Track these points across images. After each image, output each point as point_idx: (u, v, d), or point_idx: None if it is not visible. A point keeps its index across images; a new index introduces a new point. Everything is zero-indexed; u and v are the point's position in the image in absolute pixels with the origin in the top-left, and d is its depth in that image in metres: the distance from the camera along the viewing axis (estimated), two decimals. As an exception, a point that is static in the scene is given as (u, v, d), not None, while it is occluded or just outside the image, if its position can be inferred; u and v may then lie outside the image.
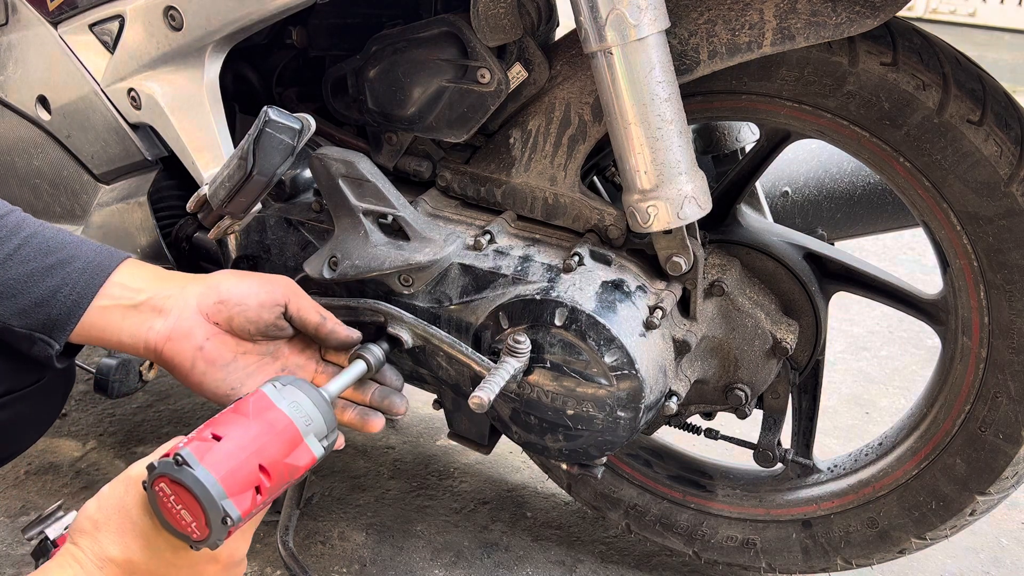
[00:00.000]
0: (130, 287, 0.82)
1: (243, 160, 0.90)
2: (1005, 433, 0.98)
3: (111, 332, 0.82)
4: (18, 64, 1.21)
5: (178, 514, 0.68)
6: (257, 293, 0.86)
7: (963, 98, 0.88)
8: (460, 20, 0.95)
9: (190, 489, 0.66)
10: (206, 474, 0.67)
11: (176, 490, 0.67)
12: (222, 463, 0.68)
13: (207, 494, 0.66)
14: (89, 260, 0.82)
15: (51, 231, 0.83)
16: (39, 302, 0.79)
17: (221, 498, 0.67)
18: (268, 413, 0.73)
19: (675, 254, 0.93)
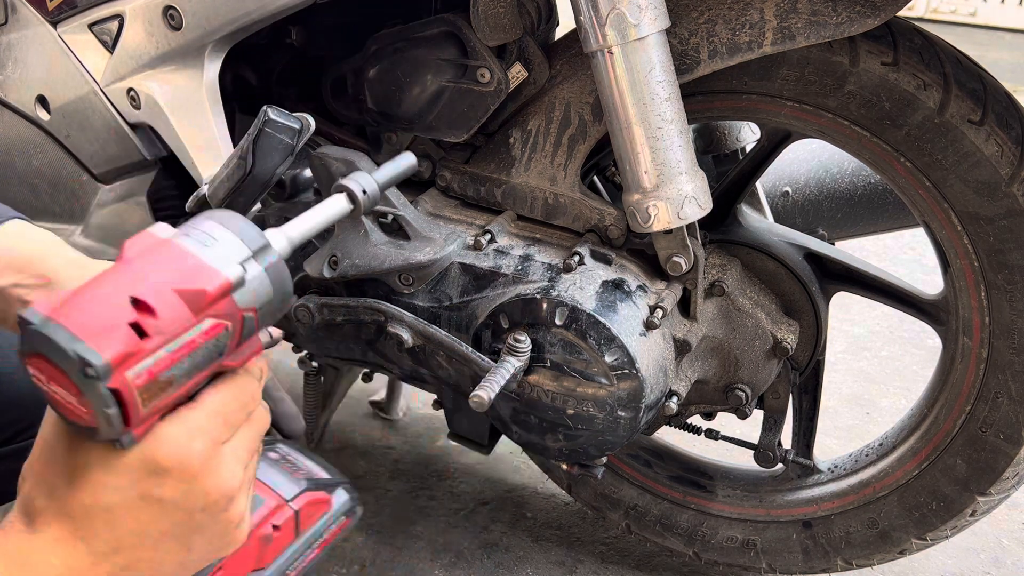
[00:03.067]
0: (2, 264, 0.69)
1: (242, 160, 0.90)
2: (1006, 433, 0.98)
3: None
4: (17, 64, 1.21)
5: (60, 399, 0.49)
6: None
7: (964, 98, 0.87)
8: (460, 20, 0.95)
9: (37, 349, 0.48)
10: (50, 323, 0.48)
11: (38, 365, 0.49)
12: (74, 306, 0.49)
13: (51, 344, 0.47)
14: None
15: None
16: None
17: (71, 343, 0.47)
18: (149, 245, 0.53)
19: (675, 254, 0.93)
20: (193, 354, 0.51)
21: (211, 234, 0.53)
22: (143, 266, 0.51)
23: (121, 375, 0.48)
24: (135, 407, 0.49)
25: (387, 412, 1.72)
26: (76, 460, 0.52)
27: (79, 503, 0.52)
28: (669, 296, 0.95)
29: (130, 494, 0.52)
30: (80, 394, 0.47)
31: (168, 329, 0.49)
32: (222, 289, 0.51)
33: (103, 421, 0.48)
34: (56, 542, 0.52)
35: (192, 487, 0.53)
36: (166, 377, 0.50)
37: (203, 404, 0.54)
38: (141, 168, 1.17)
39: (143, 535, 0.53)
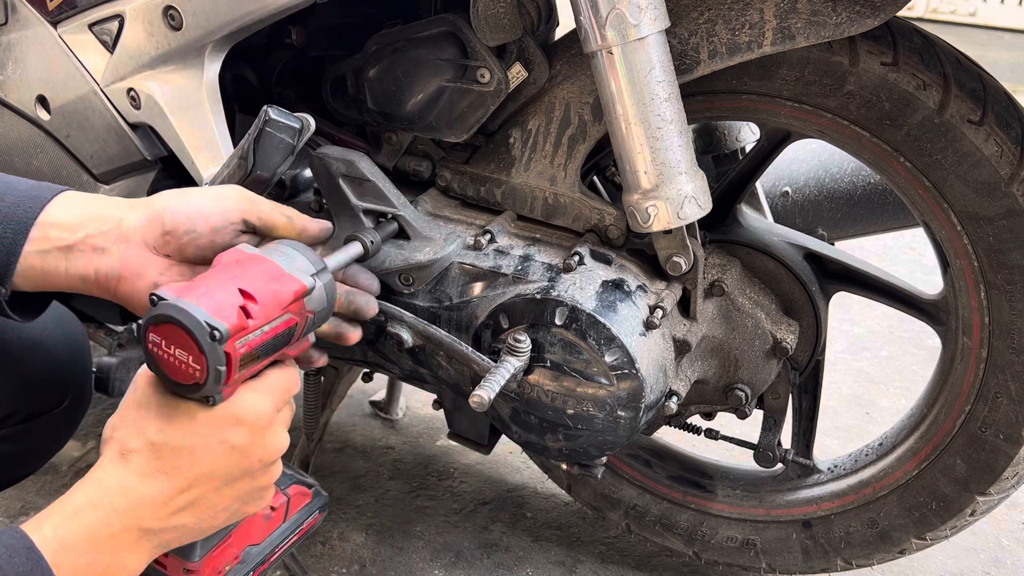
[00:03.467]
0: (64, 224, 0.75)
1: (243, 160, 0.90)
2: (1005, 433, 0.98)
3: (57, 277, 0.76)
4: (17, 64, 1.21)
5: (176, 360, 0.64)
6: (207, 217, 0.77)
7: (964, 98, 0.87)
8: (460, 20, 0.95)
9: (171, 318, 0.63)
10: (182, 300, 0.63)
11: (163, 332, 0.63)
12: (197, 290, 0.65)
13: (187, 314, 0.62)
14: (22, 194, 0.76)
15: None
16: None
17: (202, 315, 0.63)
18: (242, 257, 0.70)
19: (675, 254, 0.93)
20: (274, 339, 0.68)
21: (287, 254, 0.72)
22: (243, 269, 0.68)
23: (233, 343, 0.64)
24: (234, 370, 0.65)
25: (387, 412, 1.72)
26: (169, 412, 0.65)
27: (169, 444, 0.65)
28: (669, 296, 0.95)
29: (211, 440, 0.66)
30: (200, 354, 0.62)
31: (263, 316, 0.66)
32: (300, 292, 0.69)
33: (212, 377, 0.63)
34: (145, 475, 0.64)
35: (258, 438, 0.68)
36: (255, 352, 0.66)
37: (270, 378, 0.70)
38: (141, 168, 1.17)
39: (213, 475, 0.66)
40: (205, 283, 0.66)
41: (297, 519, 0.80)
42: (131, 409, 0.67)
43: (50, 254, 0.75)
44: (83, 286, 0.76)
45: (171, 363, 0.64)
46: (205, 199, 0.78)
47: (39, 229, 0.75)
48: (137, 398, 0.67)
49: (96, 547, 0.62)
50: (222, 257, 0.70)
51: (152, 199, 0.79)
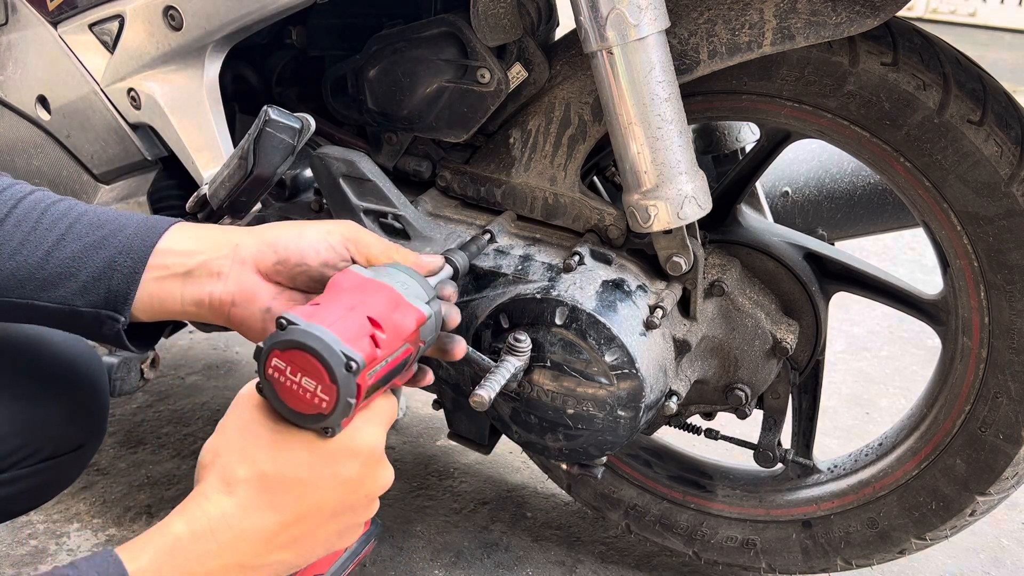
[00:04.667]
0: (182, 251, 0.77)
1: (243, 160, 0.90)
2: (1005, 433, 0.98)
3: (173, 302, 0.77)
4: (18, 64, 1.21)
5: (299, 388, 0.60)
6: (317, 250, 0.78)
7: (963, 98, 0.88)
8: (460, 20, 0.95)
9: (303, 344, 0.59)
10: (314, 325, 0.60)
11: (290, 357, 0.60)
12: (327, 316, 0.62)
13: (322, 342, 0.59)
14: (139, 225, 0.78)
15: (101, 210, 0.80)
16: (97, 276, 0.76)
17: (338, 344, 0.59)
18: (361, 282, 0.68)
19: (675, 254, 0.93)
20: (393, 369, 0.66)
21: (403, 281, 0.70)
22: (367, 295, 0.66)
23: (364, 374, 0.61)
24: (360, 404, 0.62)
25: (387, 412, 1.72)
26: (281, 441, 0.62)
27: (280, 476, 0.62)
28: (669, 296, 0.95)
29: (325, 472, 0.63)
30: (332, 384, 0.59)
31: (389, 346, 0.64)
32: (420, 322, 0.68)
33: (341, 409, 0.60)
34: (253, 508, 0.61)
35: (369, 472, 0.66)
36: (378, 383, 0.64)
37: (378, 408, 0.67)
38: (141, 168, 1.17)
39: (320, 510, 0.63)
40: (332, 309, 0.63)
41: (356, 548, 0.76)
42: (236, 433, 0.63)
43: (167, 280, 0.76)
44: (196, 311, 0.77)
45: (293, 391, 0.61)
46: (316, 233, 0.79)
47: (157, 257, 0.76)
48: (243, 423, 0.64)
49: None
50: (340, 281, 0.68)
51: (265, 228, 0.81)
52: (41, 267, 0.76)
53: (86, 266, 0.76)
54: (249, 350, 1.97)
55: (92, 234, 0.77)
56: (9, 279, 0.75)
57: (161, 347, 1.86)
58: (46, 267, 0.76)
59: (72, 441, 0.95)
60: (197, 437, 1.65)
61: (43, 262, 0.76)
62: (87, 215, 0.78)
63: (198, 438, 1.64)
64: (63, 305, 0.76)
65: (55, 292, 0.76)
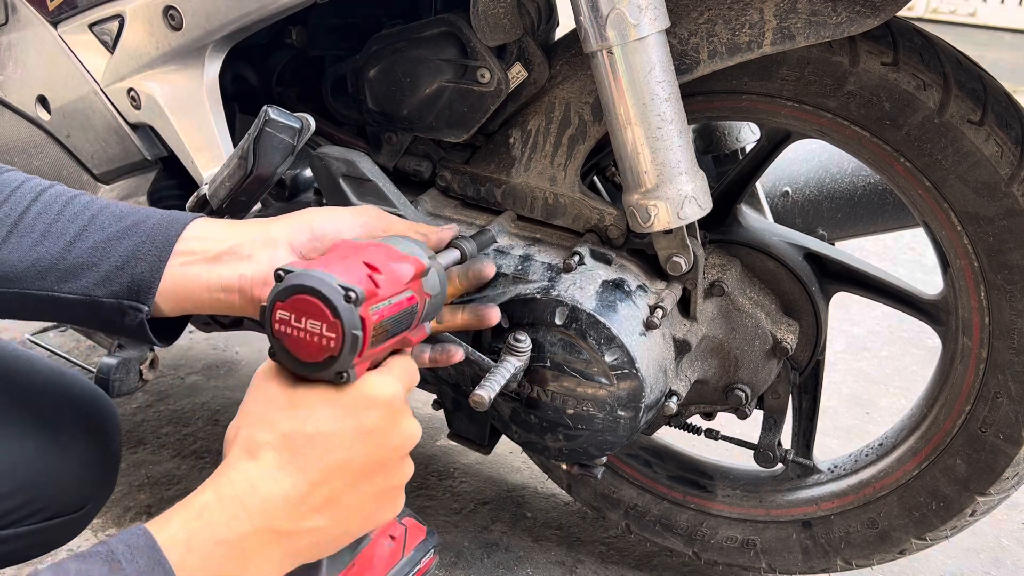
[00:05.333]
0: (209, 238, 0.77)
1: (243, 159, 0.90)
2: (1005, 434, 0.98)
3: (198, 289, 0.76)
4: (18, 64, 1.21)
5: (306, 335, 0.60)
6: (352, 227, 0.79)
7: (964, 98, 0.87)
8: (460, 20, 0.95)
9: (301, 286, 0.59)
10: (311, 269, 0.60)
11: (292, 304, 0.60)
12: (323, 262, 0.63)
13: (318, 279, 0.59)
14: (164, 216, 0.77)
15: (123, 203, 0.79)
16: (120, 265, 0.74)
17: (334, 279, 0.59)
18: (357, 243, 0.69)
19: (675, 254, 0.93)
20: (400, 314, 0.66)
21: (400, 242, 0.72)
22: (362, 249, 0.66)
23: (367, 308, 0.61)
24: (368, 337, 0.61)
25: (387, 412, 1.72)
26: (297, 398, 0.61)
27: (301, 433, 0.59)
28: (669, 296, 0.95)
29: (346, 424, 0.61)
30: (335, 320, 0.59)
31: (389, 287, 0.64)
32: (420, 270, 0.69)
33: (349, 344, 0.59)
34: (278, 469, 0.59)
35: (393, 422, 0.63)
36: (385, 324, 0.63)
37: (395, 365, 0.66)
38: (141, 168, 1.17)
39: (348, 465, 0.61)
40: (327, 259, 0.64)
41: (414, 557, 0.74)
42: (254, 405, 0.62)
43: (194, 265, 0.75)
44: (224, 297, 0.76)
45: (301, 339, 0.60)
46: (349, 213, 0.81)
47: (183, 243, 0.76)
48: (260, 393, 0.63)
49: (224, 549, 0.57)
50: (337, 244, 0.68)
51: (295, 213, 0.81)
52: (63, 258, 0.74)
53: (109, 256, 0.75)
54: (249, 350, 1.97)
55: (115, 225, 0.76)
56: (29, 270, 0.74)
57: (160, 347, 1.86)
58: (67, 258, 0.74)
59: (79, 501, 0.91)
60: (197, 437, 1.65)
61: (65, 252, 0.74)
62: (110, 207, 0.77)
63: (198, 438, 1.64)
64: (84, 296, 0.75)
65: (76, 283, 0.75)
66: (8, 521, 0.84)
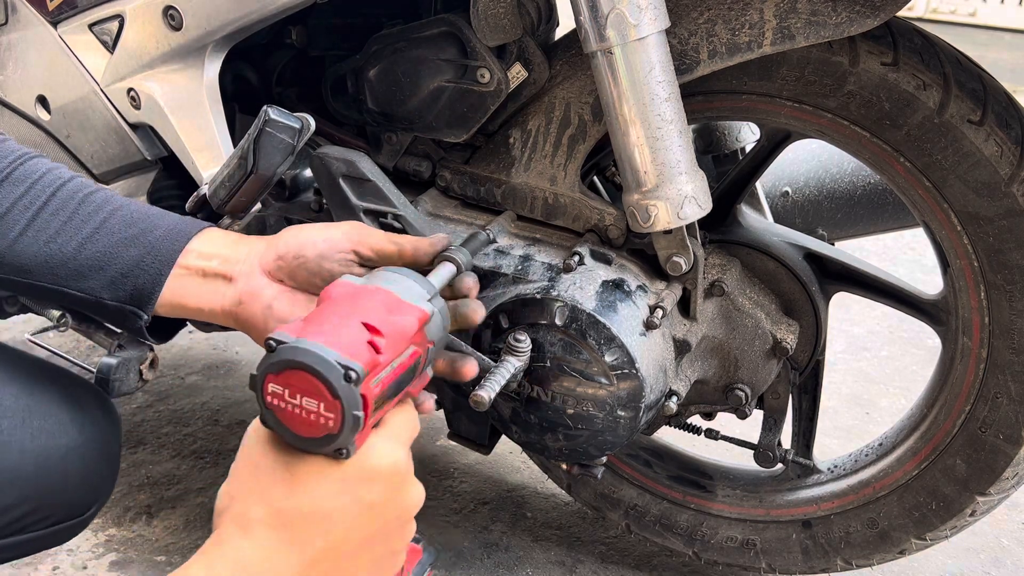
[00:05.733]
0: (204, 254, 0.80)
1: (243, 159, 0.90)
2: (1005, 434, 0.98)
3: (190, 301, 0.80)
4: (18, 64, 1.21)
5: (302, 411, 0.56)
6: (315, 243, 0.78)
7: (964, 98, 0.87)
8: (460, 20, 0.95)
9: (295, 362, 0.55)
10: (304, 340, 0.56)
11: (286, 379, 0.55)
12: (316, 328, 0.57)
13: (314, 356, 0.54)
14: (170, 228, 0.81)
15: (136, 205, 0.82)
16: (125, 272, 0.79)
17: (331, 355, 0.55)
18: (353, 290, 0.64)
19: (675, 254, 0.93)
20: (401, 376, 0.61)
21: (397, 281, 0.65)
22: (358, 301, 0.61)
23: (367, 383, 0.56)
24: (369, 414, 0.56)
25: (387, 412, 1.72)
26: (294, 473, 0.57)
27: (298, 511, 0.56)
28: (669, 296, 0.95)
29: (346, 500, 0.57)
30: (334, 400, 0.54)
31: (391, 350, 0.59)
32: (422, 321, 0.63)
33: (349, 425, 0.55)
34: (273, 550, 0.56)
35: (395, 494, 0.61)
36: (387, 392, 0.59)
37: (395, 423, 0.63)
38: (141, 168, 1.17)
39: (348, 542, 0.58)
40: (322, 320, 0.59)
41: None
42: (246, 472, 0.59)
43: (186, 279, 0.80)
44: (210, 311, 0.80)
45: (296, 415, 0.56)
46: (315, 229, 0.81)
47: (185, 256, 0.80)
48: (252, 460, 0.59)
49: None
50: (330, 291, 0.64)
51: (279, 233, 0.83)
52: (74, 257, 0.79)
53: (115, 262, 0.79)
54: (249, 350, 1.97)
55: (124, 231, 0.80)
56: (43, 265, 0.79)
57: (161, 347, 1.86)
58: (78, 258, 0.79)
59: (82, 508, 0.91)
60: (197, 437, 1.65)
61: (76, 253, 0.79)
62: (122, 210, 0.81)
63: (198, 438, 1.64)
64: (90, 296, 0.80)
65: (84, 283, 0.79)
66: (11, 530, 0.84)
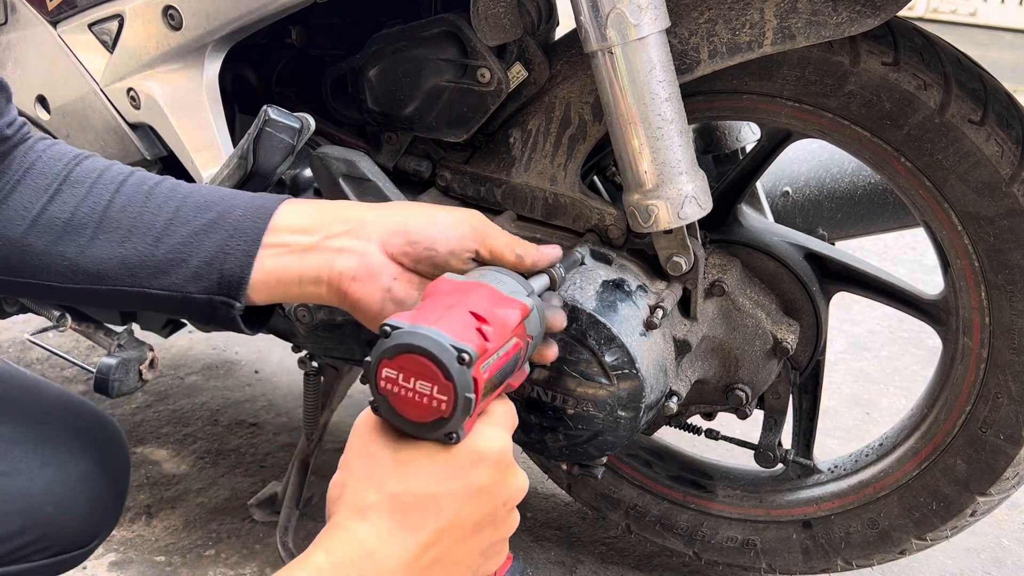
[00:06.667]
0: (300, 228, 0.75)
1: (243, 159, 0.90)
2: (1006, 434, 0.98)
3: (290, 281, 0.75)
4: (17, 64, 1.21)
5: (415, 395, 0.58)
6: (448, 239, 0.77)
7: (964, 98, 0.87)
8: (460, 20, 0.95)
9: (412, 346, 0.57)
10: (420, 325, 0.58)
11: (400, 363, 0.58)
12: (429, 315, 0.60)
13: (430, 339, 0.57)
14: (248, 205, 0.76)
15: (205, 189, 0.78)
16: (209, 260, 0.74)
17: (446, 339, 0.57)
18: (457, 284, 0.66)
19: (675, 254, 0.93)
20: (505, 365, 0.63)
21: (498, 279, 0.69)
22: (464, 294, 0.64)
23: (478, 367, 0.58)
24: (479, 398, 0.59)
25: (387, 412, 1.72)
26: (405, 459, 0.60)
27: (411, 495, 0.59)
28: (669, 296, 0.95)
29: (456, 484, 0.59)
30: (447, 382, 0.57)
31: (497, 338, 0.62)
32: (525, 313, 0.66)
33: (461, 407, 0.57)
34: (390, 533, 0.58)
35: (502, 477, 0.62)
36: (494, 379, 0.61)
37: (498, 412, 0.65)
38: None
39: (459, 526, 0.60)
40: (432, 309, 0.61)
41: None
42: (358, 460, 0.61)
43: (284, 257, 0.75)
44: (314, 289, 0.75)
45: (410, 399, 0.58)
46: (447, 221, 0.78)
47: (271, 235, 0.75)
48: (364, 448, 0.61)
49: None
50: (437, 286, 0.66)
51: (392, 206, 0.79)
52: (151, 254, 0.74)
53: (197, 251, 0.74)
54: (248, 350, 1.97)
55: (200, 217, 0.75)
56: (119, 268, 0.74)
57: (160, 347, 1.86)
58: (156, 254, 0.74)
59: (87, 539, 0.90)
60: (197, 437, 1.65)
61: (152, 249, 0.74)
62: (192, 196, 0.76)
63: (198, 438, 1.64)
64: (175, 292, 0.75)
65: (167, 279, 0.74)
66: (14, 558, 0.83)
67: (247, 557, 1.34)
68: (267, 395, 1.80)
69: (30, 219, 0.74)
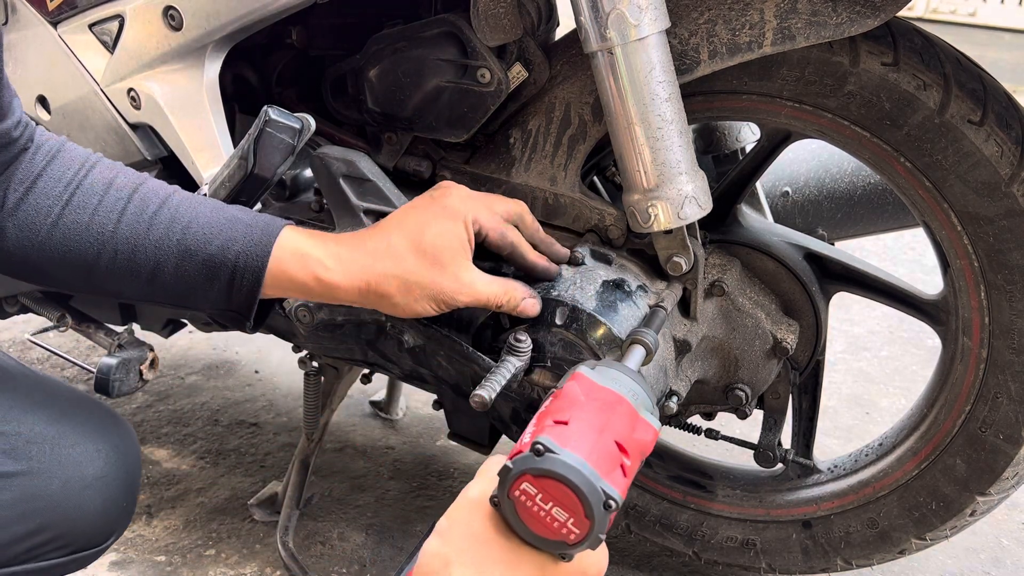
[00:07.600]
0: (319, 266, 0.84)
1: (243, 160, 0.90)
2: (1005, 434, 0.98)
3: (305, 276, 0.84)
4: (17, 64, 1.21)
5: (547, 517, 0.60)
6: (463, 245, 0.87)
7: (964, 98, 0.87)
8: (460, 20, 0.95)
9: (561, 477, 0.58)
10: (574, 456, 0.59)
11: (542, 486, 0.59)
12: (582, 443, 0.60)
13: (583, 477, 0.58)
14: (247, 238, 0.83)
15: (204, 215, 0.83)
16: (217, 295, 0.82)
17: (599, 481, 0.58)
18: (598, 393, 0.66)
19: (675, 254, 0.93)
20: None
21: (631, 388, 0.68)
22: (609, 413, 0.65)
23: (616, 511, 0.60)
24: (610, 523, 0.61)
25: (387, 412, 1.72)
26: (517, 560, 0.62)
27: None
28: (669, 296, 0.95)
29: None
30: (586, 520, 0.59)
31: (632, 472, 0.63)
32: (654, 439, 0.67)
33: (590, 542, 0.60)
34: None
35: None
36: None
37: None
38: (141, 168, 1.17)
39: None
40: (584, 433, 0.62)
41: None
42: (467, 544, 0.63)
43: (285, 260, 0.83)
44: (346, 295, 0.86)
45: (540, 517, 0.60)
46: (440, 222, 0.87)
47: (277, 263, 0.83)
48: (475, 534, 0.63)
49: None
50: (576, 390, 0.67)
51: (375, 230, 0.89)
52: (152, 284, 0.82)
53: (202, 288, 0.82)
54: (248, 350, 1.97)
55: (204, 250, 0.81)
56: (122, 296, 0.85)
57: (161, 347, 1.86)
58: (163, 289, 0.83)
59: (103, 537, 0.91)
60: (197, 437, 1.65)
61: (149, 284, 0.82)
62: (192, 227, 0.81)
63: (198, 438, 1.64)
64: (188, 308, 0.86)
65: (180, 304, 0.85)
66: (31, 556, 0.84)
67: (247, 557, 1.34)
68: (267, 395, 1.80)
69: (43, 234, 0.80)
